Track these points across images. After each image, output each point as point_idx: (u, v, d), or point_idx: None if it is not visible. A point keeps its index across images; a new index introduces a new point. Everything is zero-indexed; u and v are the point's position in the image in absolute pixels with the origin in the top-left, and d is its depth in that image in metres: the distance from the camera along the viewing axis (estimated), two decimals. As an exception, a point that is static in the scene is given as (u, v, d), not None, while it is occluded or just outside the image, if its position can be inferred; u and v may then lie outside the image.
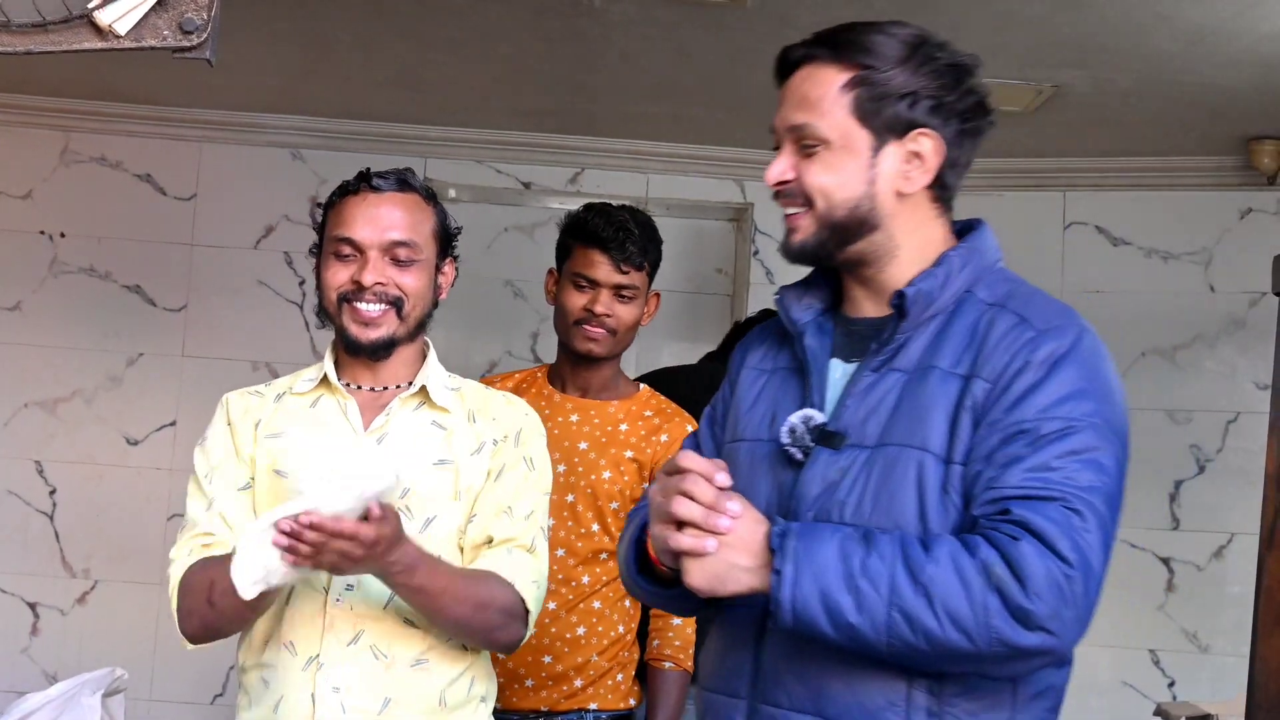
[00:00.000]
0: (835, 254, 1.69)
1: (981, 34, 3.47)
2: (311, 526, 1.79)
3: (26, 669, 4.41)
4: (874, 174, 1.66)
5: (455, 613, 1.99)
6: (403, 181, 2.13)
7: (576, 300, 2.71)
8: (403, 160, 4.57)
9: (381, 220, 2.09)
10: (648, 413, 2.76)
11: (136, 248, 4.58)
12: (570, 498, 2.66)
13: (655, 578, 1.73)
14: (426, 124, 4.57)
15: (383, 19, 3.64)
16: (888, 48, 1.66)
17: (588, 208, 2.78)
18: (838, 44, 1.68)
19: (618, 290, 2.70)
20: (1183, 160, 4.44)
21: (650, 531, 1.64)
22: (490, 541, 2.07)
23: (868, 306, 1.71)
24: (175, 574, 2.07)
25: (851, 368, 1.68)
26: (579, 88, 4.12)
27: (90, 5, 1.59)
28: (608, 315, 2.69)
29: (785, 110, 1.70)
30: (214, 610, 2.00)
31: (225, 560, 1.92)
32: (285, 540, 1.81)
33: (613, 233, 2.69)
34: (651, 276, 2.77)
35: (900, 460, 1.59)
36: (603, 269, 2.69)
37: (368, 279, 2.07)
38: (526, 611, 2.06)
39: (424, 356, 2.19)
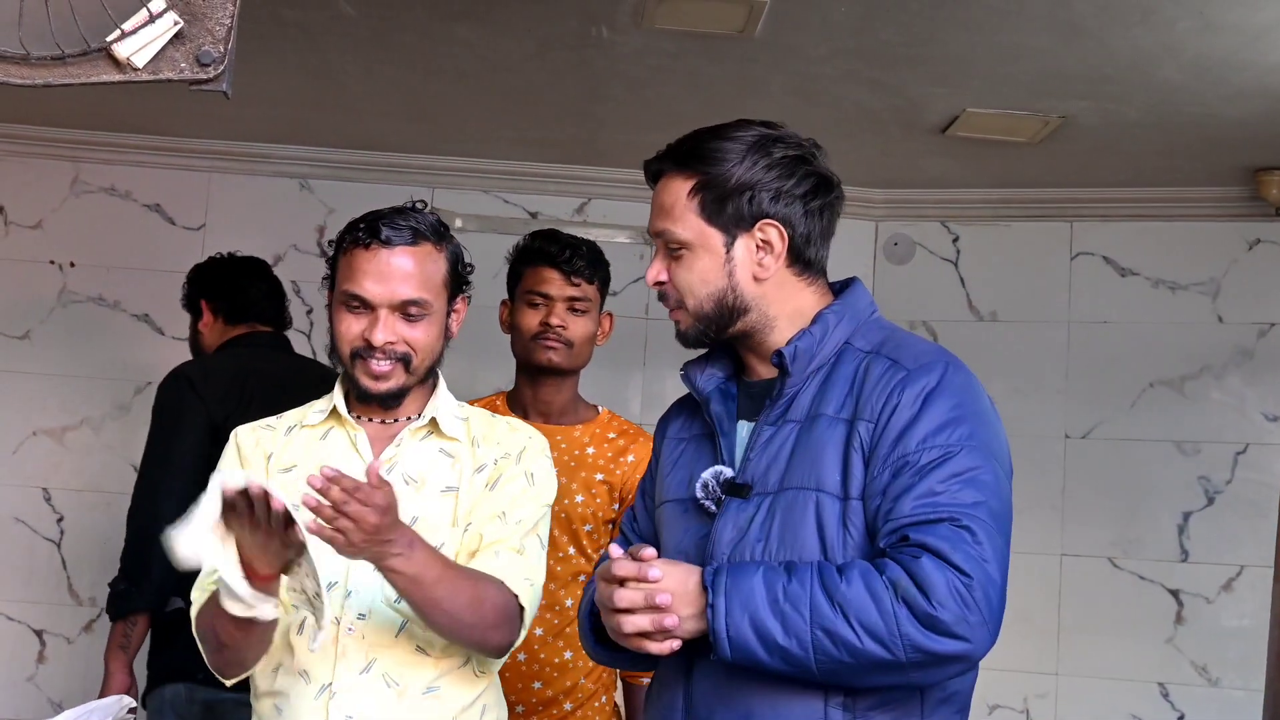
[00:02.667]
0: (719, 336, 1.88)
1: (988, 65, 3.48)
2: (333, 480, 1.81)
3: (33, 697, 4.39)
4: (730, 267, 1.85)
5: (450, 606, 1.97)
6: (415, 232, 2.11)
7: (532, 318, 2.83)
8: (410, 191, 4.61)
9: (392, 278, 2.08)
10: (611, 434, 2.82)
11: (145, 277, 4.59)
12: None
13: (613, 645, 1.85)
14: (434, 154, 4.58)
15: (390, 50, 3.66)
16: (726, 152, 1.84)
17: (533, 235, 2.91)
18: (682, 154, 1.87)
19: (571, 303, 2.82)
20: (1190, 191, 4.44)
21: (606, 625, 1.80)
22: (481, 547, 2.07)
23: (761, 370, 1.90)
24: (198, 598, 2.10)
25: (752, 426, 1.86)
26: (586, 118, 4.13)
27: (108, 38, 1.60)
28: (563, 327, 2.80)
29: (652, 218, 1.90)
30: (225, 649, 2.02)
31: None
32: (314, 499, 1.82)
33: (559, 249, 2.83)
34: (603, 294, 2.89)
35: (799, 501, 1.77)
36: (554, 284, 2.81)
37: (378, 338, 2.08)
38: (521, 610, 2.05)
39: (434, 388, 2.20)
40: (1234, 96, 3.56)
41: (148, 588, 3.19)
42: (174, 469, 3.15)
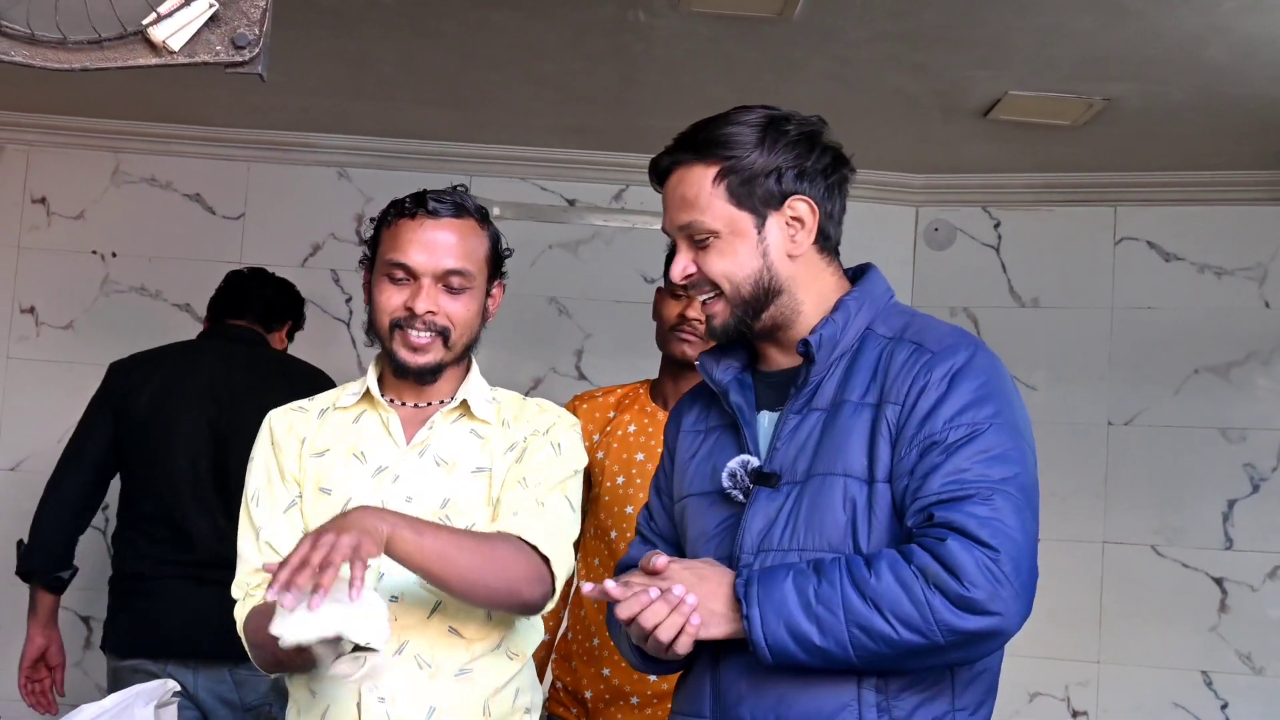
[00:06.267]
0: (753, 325, 1.89)
1: (1030, 47, 3.45)
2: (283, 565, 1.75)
3: (80, 682, 4.43)
4: (765, 247, 1.86)
5: (468, 574, 1.93)
6: (459, 205, 2.14)
7: (672, 308, 2.79)
8: (447, 179, 4.61)
9: (437, 247, 2.10)
10: None
11: (186, 267, 4.62)
12: None
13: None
14: (471, 142, 4.58)
15: (427, 38, 3.66)
16: (742, 136, 1.85)
17: None
18: (698, 144, 1.87)
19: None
20: (1236, 174, 4.38)
21: (640, 645, 1.81)
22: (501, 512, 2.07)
23: (781, 360, 1.91)
24: (239, 614, 2.11)
25: (776, 415, 1.88)
26: (623, 104, 4.12)
27: (144, 21, 1.61)
28: (699, 320, 2.72)
29: (670, 213, 1.90)
30: (280, 665, 2.03)
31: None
32: (281, 581, 1.74)
33: None
34: None
35: (826, 487, 1.78)
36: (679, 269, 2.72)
37: (420, 306, 2.09)
38: (547, 561, 2.02)
39: (467, 372, 2.20)
40: (1281, 77, 3.51)
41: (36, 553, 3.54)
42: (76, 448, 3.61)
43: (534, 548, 2.02)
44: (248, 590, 2.11)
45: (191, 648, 3.33)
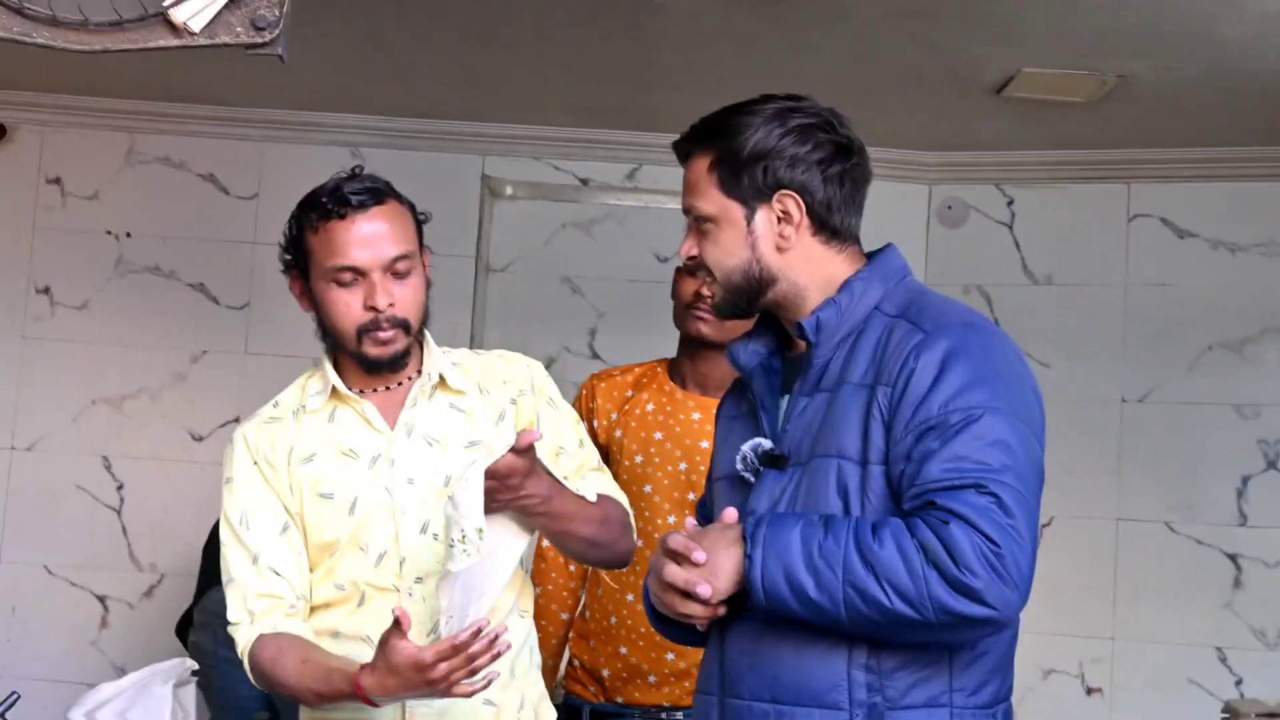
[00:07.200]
0: (752, 307, 1.91)
1: (1044, 23, 3.43)
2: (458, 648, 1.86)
3: (96, 661, 4.47)
4: (753, 239, 1.86)
5: (585, 532, 2.08)
6: (377, 191, 2.11)
7: (688, 286, 2.77)
8: (460, 158, 4.62)
9: (375, 240, 2.08)
10: None
11: (200, 246, 4.63)
12: (691, 495, 2.69)
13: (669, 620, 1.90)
14: (484, 121, 4.58)
15: (440, 17, 3.66)
16: (744, 125, 1.86)
17: None
18: (702, 132, 1.91)
19: None
20: (1250, 150, 4.36)
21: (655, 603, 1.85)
22: (566, 479, 2.10)
23: (800, 343, 1.90)
24: (242, 640, 2.09)
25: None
26: (636, 83, 4.12)
27: (165, 3, 1.61)
28: (714, 297, 2.70)
29: (683, 197, 1.94)
30: (321, 698, 2.02)
31: (319, 659, 2.01)
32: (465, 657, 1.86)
33: None
34: None
35: (822, 469, 1.78)
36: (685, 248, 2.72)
37: (380, 302, 2.08)
38: (630, 519, 2.18)
39: (422, 345, 2.19)
40: (1297, 53, 3.49)
41: None
42: None
43: (622, 504, 2.18)
44: (254, 615, 2.09)
45: None
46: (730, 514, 1.81)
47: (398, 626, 1.85)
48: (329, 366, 2.17)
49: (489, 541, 1.89)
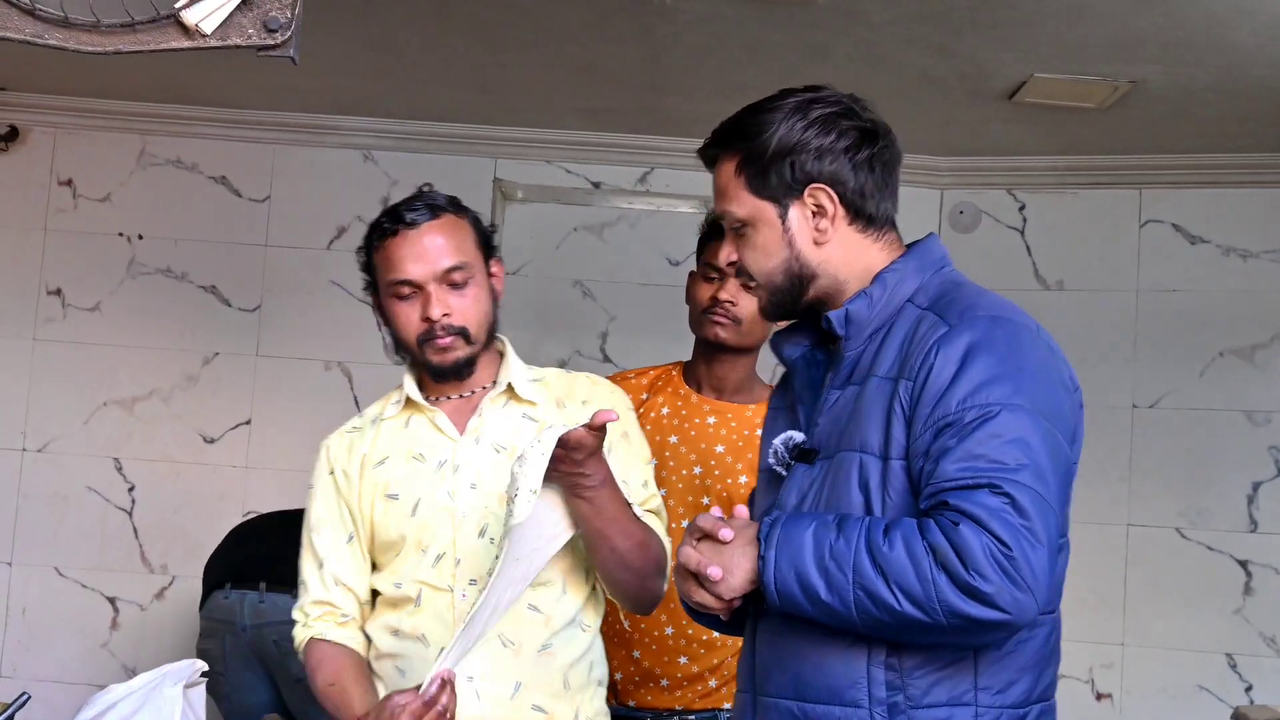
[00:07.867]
0: (798, 305, 1.88)
1: (1056, 29, 3.43)
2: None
3: (106, 663, 4.48)
4: (789, 237, 1.84)
5: (619, 544, 2.08)
6: (432, 206, 2.21)
7: (704, 291, 2.76)
8: (472, 161, 4.63)
9: (429, 252, 2.17)
10: None
11: (212, 249, 4.64)
12: (705, 500, 2.68)
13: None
14: (496, 124, 4.59)
15: (452, 20, 3.67)
16: (764, 123, 1.83)
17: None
18: (724, 135, 1.88)
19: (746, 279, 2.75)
20: (1262, 157, 4.36)
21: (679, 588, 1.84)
22: None
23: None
24: (300, 636, 2.24)
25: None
26: (648, 87, 4.12)
27: (177, 5, 1.62)
28: (731, 302, 2.71)
29: (715, 203, 1.92)
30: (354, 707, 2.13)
31: (345, 684, 2.15)
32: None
33: None
34: None
35: (845, 463, 1.76)
36: (724, 254, 2.72)
37: (435, 313, 2.16)
38: (666, 564, 2.18)
39: (502, 356, 2.27)
40: (1309, 59, 3.49)
41: None
42: None
43: (664, 548, 2.17)
44: (308, 620, 2.23)
45: None
46: (740, 511, 1.81)
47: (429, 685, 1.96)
48: (407, 377, 2.27)
49: (539, 509, 1.92)
